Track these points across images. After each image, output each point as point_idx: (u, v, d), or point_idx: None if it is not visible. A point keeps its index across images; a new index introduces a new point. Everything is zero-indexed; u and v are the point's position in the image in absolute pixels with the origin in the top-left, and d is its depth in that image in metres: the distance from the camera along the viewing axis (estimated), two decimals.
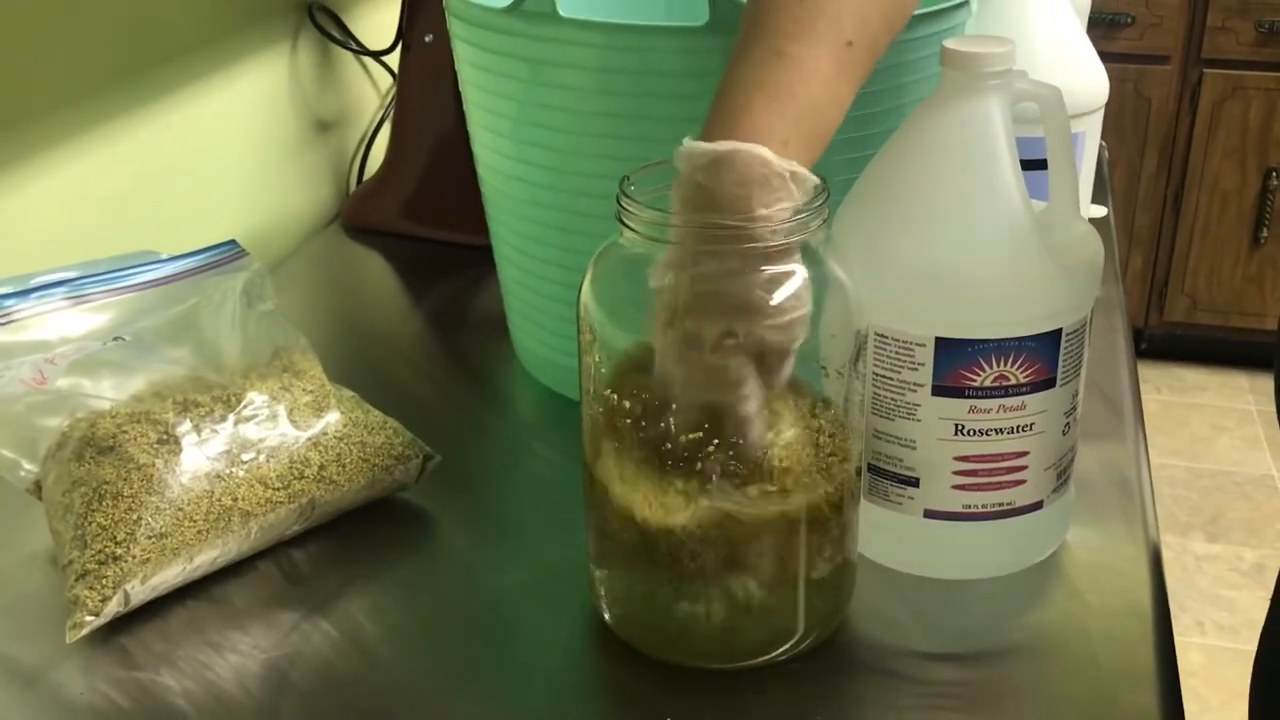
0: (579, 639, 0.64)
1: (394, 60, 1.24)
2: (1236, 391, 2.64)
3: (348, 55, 1.26)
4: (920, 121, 0.62)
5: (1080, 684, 0.60)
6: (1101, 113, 0.95)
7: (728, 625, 0.59)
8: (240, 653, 0.62)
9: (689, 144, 0.55)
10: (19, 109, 0.83)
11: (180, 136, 1.00)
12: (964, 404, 0.61)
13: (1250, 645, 0.87)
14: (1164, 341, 2.70)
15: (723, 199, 0.54)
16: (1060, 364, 0.62)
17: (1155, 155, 2.53)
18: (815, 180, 0.55)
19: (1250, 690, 0.86)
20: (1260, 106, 2.44)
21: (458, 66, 0.82)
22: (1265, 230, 2.50)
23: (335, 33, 1.21)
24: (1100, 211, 1.10)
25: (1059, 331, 0.61)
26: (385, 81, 1.33)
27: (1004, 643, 0.63)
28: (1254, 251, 2.54)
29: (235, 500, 0.65)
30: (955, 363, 0.61)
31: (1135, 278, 2.62)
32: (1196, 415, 2.56)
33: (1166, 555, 2.07)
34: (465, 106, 0.83)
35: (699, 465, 0.56)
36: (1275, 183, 2.47)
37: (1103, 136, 1.00)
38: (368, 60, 1.30)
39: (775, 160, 0.54)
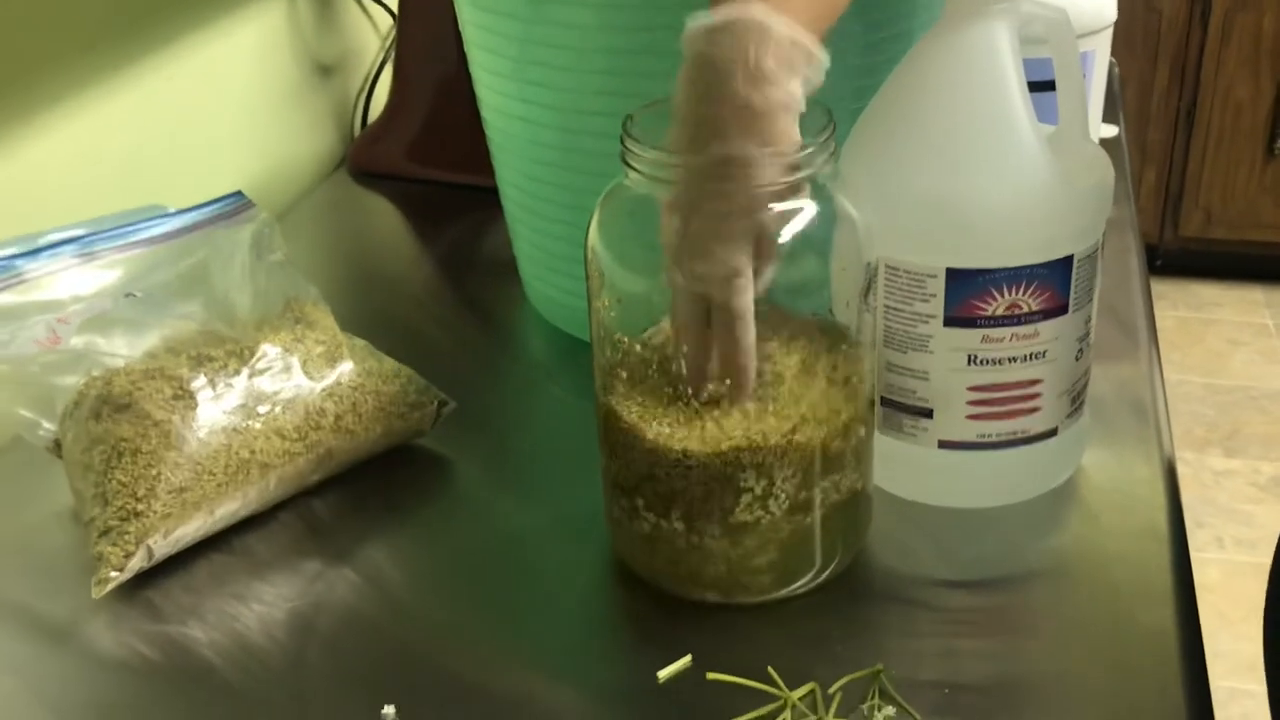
0: (599, 577, 0.64)
1: (393, 1, 1.23)
2: (1252, 306, 2.62)
3: None
4: (926, 49, 0.61)
5: (1097, 606, 0.60)
6: (1110, 31, 0.94)
7: (745, 558, 0.59)
8: (265, 603, 0.63)
9: (690, 21, 0.54)
10: (19, 67, 0.82)
11: (181, 88, 0.99)
12: (976, 334, 0.61)
13: (1269, 558, 0.87)
14: (1179, 257, 2.68)
15: (721, 66, 0.53)
16: (1072, 290, 0.62)
17: (1167, 69, 2.49)
18: (820, 55, 0.54)
19: (1266, 603, 0.87)
20: (1274, 15, 2.40)
21: (456, 6, 0.81)
22: None
23: None
24: (1111, 131, 1.09)
25: (1070, 258, 0.61)
26: (385, 23, 1.32)
27: (1021, 568, 0.63)
28: (1269, 163, 2.51)
29: (253, 453, 0.66)
30: (967, 293, 0.60)
31: (1149, 194, 2.60)
32: (1212, 331, 2.55)
33: (1184, 471, 2.07)
34: (466, 47, 0.82)
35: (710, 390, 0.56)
36: None
37: (1112, 51, 0.99)
38: (366, 2, 1.28)
39: (771, 20, 0.53)
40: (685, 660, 0.57)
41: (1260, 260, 2.64)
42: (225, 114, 1.06)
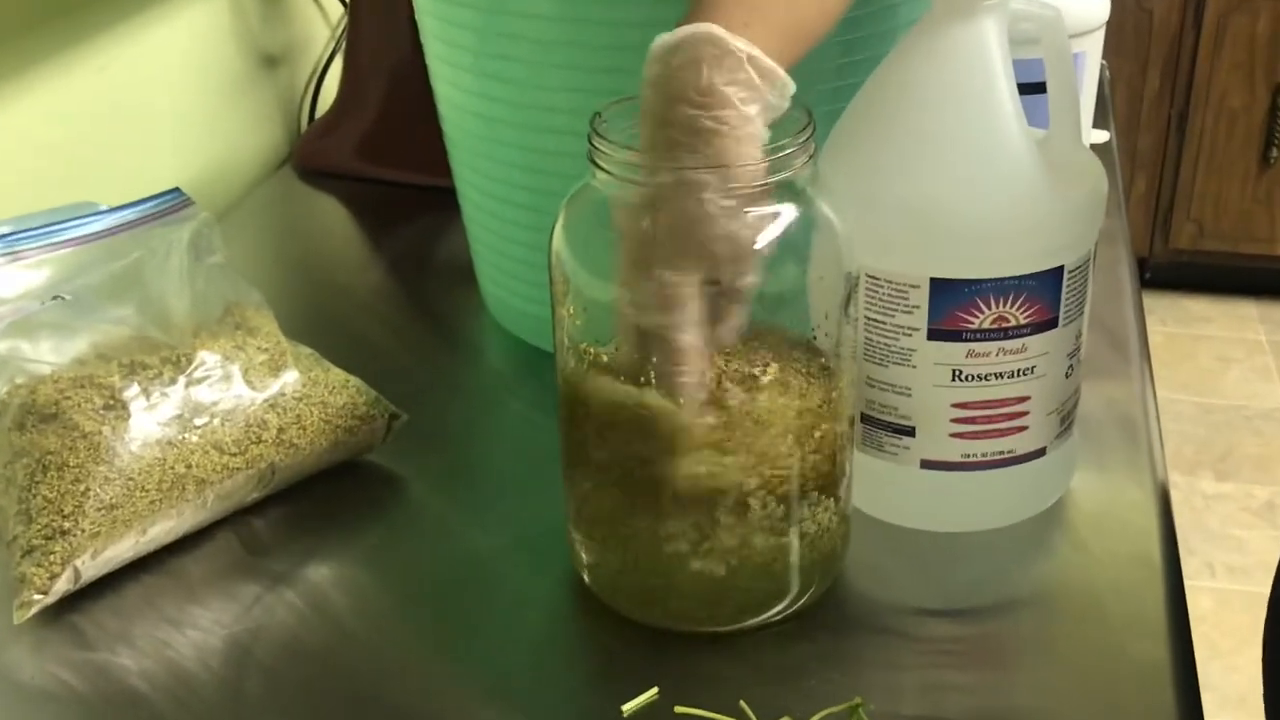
0: (560, 603, 0.64)
1: None
2: (1245, 321, 2.65)
3: None
4: (911, 47, 0.62)
5: (1086, 636, 0.61)
6: (1103, 31, 0.95)
7: (716, 584, 0.59)
8: (200, 628, 0.62)
9: (654, 40, 0.54)
10: None
11: (117, 77, 0.98)
12: (961, 348, 0.62)
13: (1263, 587, 0.88)
14: (1169, 270, 2.71)
15: (674, 85, 0.53)
16: (1062, 303, 0.62)
17: (1158, 73, 2.52)
18: (783, 76, 0.55)
19: (1265, 633, 0.87)
20: (1269, 19, 2.43)
21: None
22: (1275, 150, 2.51)
23: None
24: (1102, 137, 1.10)
25: (1061, 269, 0.61)
26: (336, 10, 1.32)
27: (1006, 596, 0.64)
28: (1263, 173, 2.54)
29: (189, 468, 0.65)
30: (952, 304, 0.61)
31: (1138, 204, 2.63)
32: (1204, 347, 2.58)
33: (1174, 495, 2.09)
34: (422, 38, 0.82)
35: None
36: None
37: (1102, 54, 1.00)
38: None
39: (727, 38, 0.53)
40: (652, 693, 0.57)
41: (1253, 274, 2.67)
42: (163, 106, 1.06)
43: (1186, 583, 0.64)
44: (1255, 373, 2.49)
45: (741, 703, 0.56)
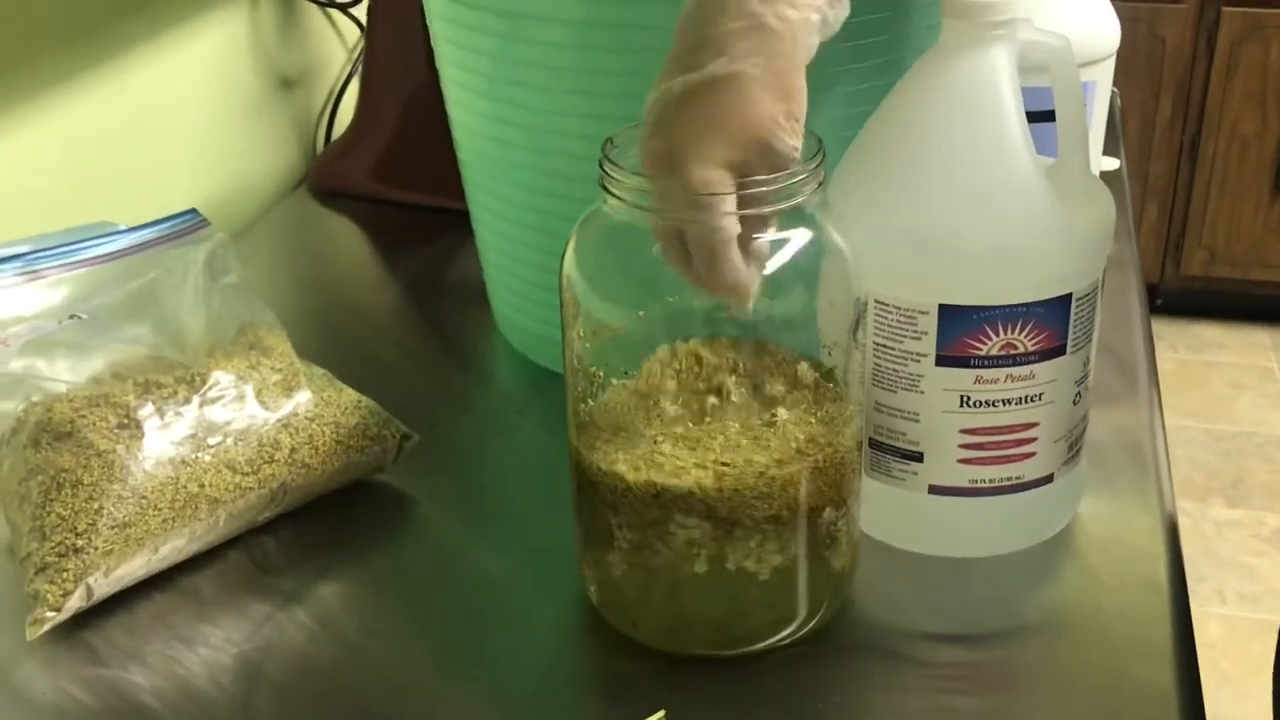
0: (569, 626, 0.64)
1: (361, 11, 1.23)
2: (1257, 348, 2.65)
3: (311, 6, 1.25)
4: (921, 75, 0.62)
5: (1093, 662, 0.60)
6: (1113, 60, 0.95)
7: (724, 609, 0.59)
8: (211, 646, 0.62)
9: None
10: None
11: (135, 99, 0.99)
12: (969, 374, 0.62)
13: (1273, 614, 0.88)
14: (1180, 297, 2.70)
15: None
16: (1070, 330, 0.62)
17: (1170, 100, 2.52)
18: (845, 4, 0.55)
19: (1275, 660, 0.87)
20: None
21: (429, 22, 0.81)
22: None
23: None
24: (1112, 164, 1.10)
25: (1069, 296, 0.61)
26: (353, 34, 1.32)
27: (1013, 622, 0.63)
28: (1275, 200, 2.54)
29: (202, 487, 0.65)
30: (960, 331, 0.61)
31: (1150, 230, 2.62)
32: (1215, 374, 2.57)
33: (1184, 522, 2.08)
34: (438, 64, 0.83)
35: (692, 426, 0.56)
36: None
37: (1114, 81, 1.00)
38: (333, 11, 1.29)
39: None
40: (659, 716, 0.57)
41: (1265, 301, 2.67)
42: (181, 127, 1.06)
43: (1197, 610, 0.64)
44: (1267, 399, 2.48)
45: None
